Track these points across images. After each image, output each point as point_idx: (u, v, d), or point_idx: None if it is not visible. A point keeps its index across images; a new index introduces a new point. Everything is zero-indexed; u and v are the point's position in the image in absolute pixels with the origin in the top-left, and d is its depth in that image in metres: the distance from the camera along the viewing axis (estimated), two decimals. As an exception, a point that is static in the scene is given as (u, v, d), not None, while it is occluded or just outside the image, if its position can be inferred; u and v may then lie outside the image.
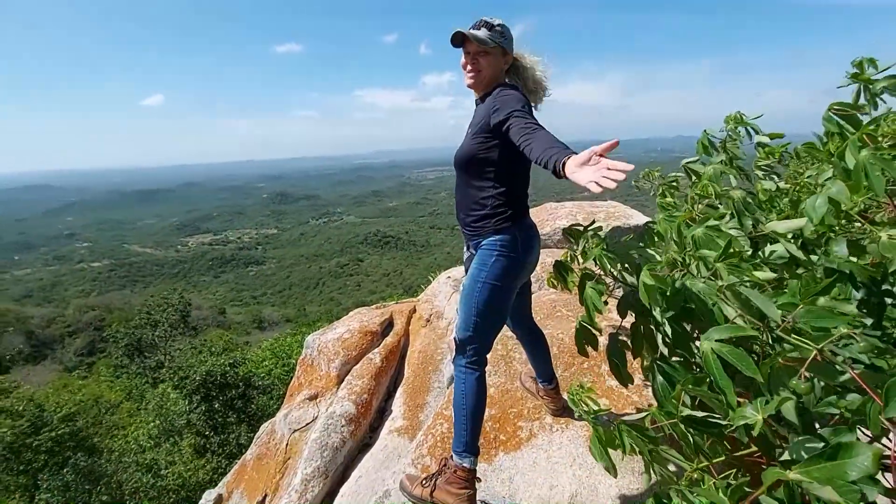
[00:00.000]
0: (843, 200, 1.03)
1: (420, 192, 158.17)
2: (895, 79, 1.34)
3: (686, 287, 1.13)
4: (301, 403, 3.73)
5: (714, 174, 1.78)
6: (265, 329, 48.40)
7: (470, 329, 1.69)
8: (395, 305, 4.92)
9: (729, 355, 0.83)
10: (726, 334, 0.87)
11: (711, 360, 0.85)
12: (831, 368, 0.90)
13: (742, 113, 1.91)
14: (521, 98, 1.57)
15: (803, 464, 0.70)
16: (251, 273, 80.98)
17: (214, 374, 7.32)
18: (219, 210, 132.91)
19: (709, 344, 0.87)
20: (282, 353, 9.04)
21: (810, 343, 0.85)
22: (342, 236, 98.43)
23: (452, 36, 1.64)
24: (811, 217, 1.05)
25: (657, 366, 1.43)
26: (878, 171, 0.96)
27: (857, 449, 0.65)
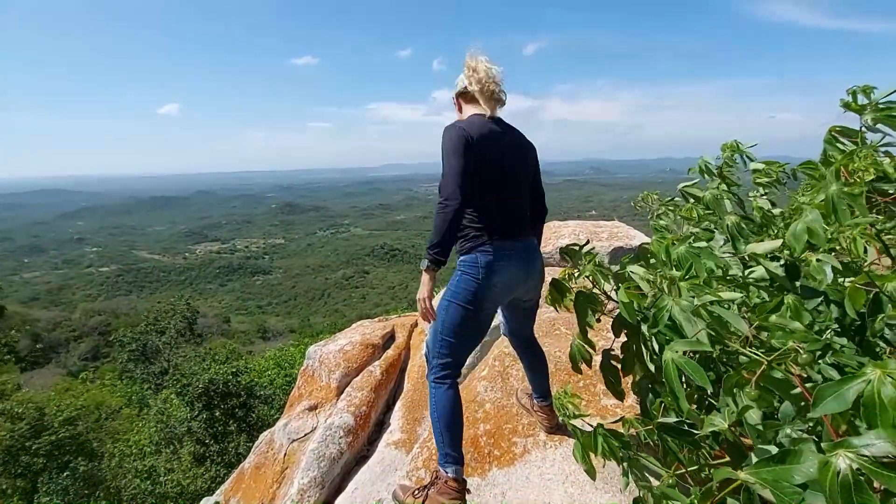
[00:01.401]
0: (817, 229, 1.08)
1: (428, 206, 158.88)
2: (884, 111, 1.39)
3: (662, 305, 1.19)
4: (301, 414, 3.77)
5: (711, 199, 1.83)
6: (269, 339, 48.38)
7: (437, 345, 1.72)
8: (398, 319, 4.96)
9: (685, 366, 0.89)
10: (686, 347, 0.92)
11: (671, 368, 0.90)
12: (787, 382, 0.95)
13: (738, 141, 1.97)
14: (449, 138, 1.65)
15: (754, 466, 0.74)
16: (257, 282, 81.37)
17: (217, 383, 7.36)
18: (228, 218, 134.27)
19: (670, 354, 0.92)
20: (285, 363, 9.06)
21: (760, 355, 0.90)
22: (349, 248, 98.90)
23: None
24: (793, 244, 1.10)
25: (645, 382, 1.47)
26: (844, 206, 1.02)
27: (805, 455, 0.68)
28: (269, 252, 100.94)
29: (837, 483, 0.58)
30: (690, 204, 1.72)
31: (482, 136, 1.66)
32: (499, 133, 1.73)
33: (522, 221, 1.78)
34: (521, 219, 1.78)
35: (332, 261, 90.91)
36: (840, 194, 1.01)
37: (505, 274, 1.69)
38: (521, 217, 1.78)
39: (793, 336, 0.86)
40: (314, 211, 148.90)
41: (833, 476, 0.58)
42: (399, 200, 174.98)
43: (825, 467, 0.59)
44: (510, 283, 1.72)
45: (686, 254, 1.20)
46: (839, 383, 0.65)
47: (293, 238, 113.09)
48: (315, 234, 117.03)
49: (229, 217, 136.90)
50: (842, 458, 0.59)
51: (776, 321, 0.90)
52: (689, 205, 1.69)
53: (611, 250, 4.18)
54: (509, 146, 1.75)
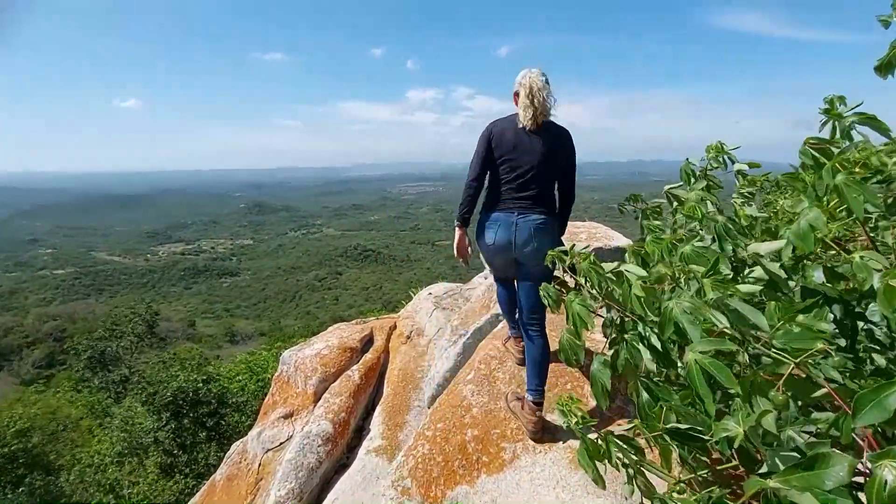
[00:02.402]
0: (819, 226, 1.07)
1: (402, 206, 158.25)
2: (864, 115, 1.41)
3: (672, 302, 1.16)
4: (275, 422, 3.63)
5: (695, 200, 1.83)
6: (237, 343, 47.07)
7: None
8: (376, 321, 4.86)
9: (710, 366, 0.85)
10: (710, 347, 0.89)
11: (694, 370, 0.87)
12: (807, 385, 0.93)
13: (722, 142, 1.98)
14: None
15: (782, 473, 0.73)
16: (224, 284, 79.07)
17: (186, 391, 7.04)
18: (193, 218, 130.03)
19: (693, 355, 0.89)
20: (256, 367, 8.77)
21: (789, 357, 0.88)
22: (321, 249, 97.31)
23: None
24: (798, 242, 1.09)
25: (642, 383, 1.45)
26: (854, 194, 1.01)
27: (833, 460, 0.68)
28: (237, 253, 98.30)
29: (885, 494, 0.55)
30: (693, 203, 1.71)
31: (503, 132, 2.15)
32: (521, 130, 2.12)
33: (522, 199, 2.12)
34: (521, 197, 2.12)
35: (304, 262, 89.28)
36: (848, 182, 1.00)
37: (492, 236, 2.15)
38: (521, 196, 2.12)
39: (821, 337, 0.83)
40: (284, 211, 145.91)
41: (880, 487, 0.55)
42: (373, 201, 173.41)
43: (872, 479, 0.55)
44: (497, 244, 2.15)
45: (692, 253, 1.18)
46: (876, 391, 0.63)
47: (262, 239, 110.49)
48: (286, 235, 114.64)
49: (195, 217, 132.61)
50: (887, 468, 0.56)
51: (804, 321, 0.88)
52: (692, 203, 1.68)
53: (591, 252, 4.20)
54: (531, 141, 2.11)
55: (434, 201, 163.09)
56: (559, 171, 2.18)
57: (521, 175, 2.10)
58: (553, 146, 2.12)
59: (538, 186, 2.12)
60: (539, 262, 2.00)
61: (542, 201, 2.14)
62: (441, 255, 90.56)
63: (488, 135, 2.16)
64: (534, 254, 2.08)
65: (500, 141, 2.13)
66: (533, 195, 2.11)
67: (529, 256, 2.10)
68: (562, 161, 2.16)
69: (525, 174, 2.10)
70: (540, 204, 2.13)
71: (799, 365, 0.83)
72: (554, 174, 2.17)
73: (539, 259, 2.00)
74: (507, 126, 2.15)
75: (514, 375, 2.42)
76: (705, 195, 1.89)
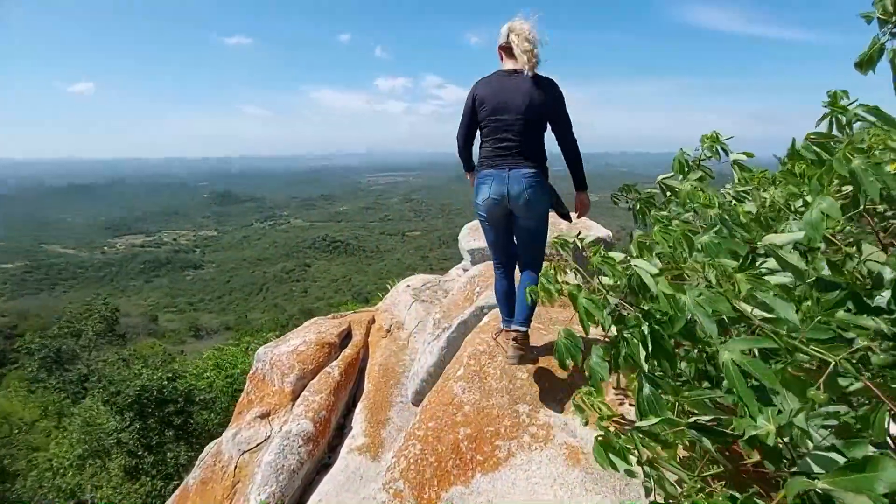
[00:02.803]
0: (834, 214, 1.05)
1: (371, 196, 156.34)
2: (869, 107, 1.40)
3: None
4: (251, 422, 3.48)
5: (689, 191, 1.81)
6: (202, 337, 45.75)
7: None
8: (354, 315, 4.73)
9: (749, 366, 0.81)
10: (747, 346, 0.84)
11: (732, 371, 0.83)
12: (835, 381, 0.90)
13: (718, 132, 1.97)
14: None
15: (831, 475, 0.72)
16: (188, 277, 76.49)
17: (151, 389, 6.72)
18: (153, 209, 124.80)
19: (729, 355, 0.84)
20: (225, 363, 8.47)
21: (827, 354, 0.85)
22: (288, 240, 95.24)
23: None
24: (811, 232, 1.06)
25: (646, 377, 1.41)
26: (871, 178, 0.99)
27: (884, 463, 0.66)
28: (200, 245, 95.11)
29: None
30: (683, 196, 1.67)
31: (486, 89, 2.17)
32: (505, 84, 2.14)
33: (511, 154, 2.14)
34: (510, 152, 2.14)
35: (271, 253, 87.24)
36: (864, 166, 0.97)
37: (487, 191, 2.19)
38: (510, 151, 2.15)
39: (864, 334, 0.80)
40: (250, 201, 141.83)
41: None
42: (342, 191, 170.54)
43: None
44: (492, 198, 2.18)
45: (710, 243, 1.13)
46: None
47: (227, 230, 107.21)
48: (251, 226, 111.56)
49: (155, 207, 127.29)
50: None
51: (843, 317, 0.84)
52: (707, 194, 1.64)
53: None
54: (512, 95, 2.11)
55: (404, 192, 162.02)
56: (550, 122, 2.18)
57: (508, 130, 2.13)
58: (536, 98, 2.10)
59: (525, 140, 2.14)
60: (531, 214, 2.20)
61: (531, 155, 2.16)
62: (411, 247, 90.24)
63: (472, 93, 2.21)
64: (526, 206, 2.15)
65: (485, 98, 2.15)
66: (521, 150, 2.14)
67: (522, 208, 2.16)
68: (548, 110, 2.15)
69: (511, 128, 2.12)
70: (529, 157, 2.15)
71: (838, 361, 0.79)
72: (542, 126, 2.17)
73: (531, 212, 2.19)
74: (492, 84, 2.16)
75: (504, 371, 2.37)
76: (700, 185, 1.87)
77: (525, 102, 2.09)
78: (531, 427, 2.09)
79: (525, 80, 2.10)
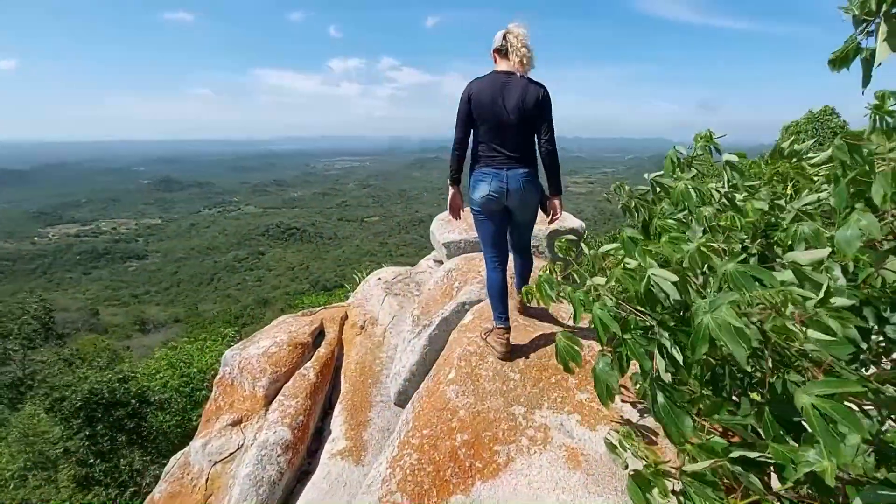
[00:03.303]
0: (874, 233, 1.04)
1: (327, 182, 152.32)
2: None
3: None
4: (222, 430, 3.29)
5: (683, 190, 1.80)
6: (150, 331, 43.50)
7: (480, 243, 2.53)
8: (326, 311, 4.56)
9: (833, 412, 0.78)
10: (830, 390, 0.81)
11: (813, 416, 0.79)
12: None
13: (711, 131, 1.96)
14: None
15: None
16: (130, 268, 72.13)
17: (100, 393, 6.25)
18: (89, 196, 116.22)
19: (808, 399, 0.80)
20: (179, 362, 8.01)
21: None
22: (240, 227, 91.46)
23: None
24: (845, 248, 1.05)
25: (658, 386, 1.39)
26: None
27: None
28: (143, 234, 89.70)
29: None
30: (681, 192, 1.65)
31: (481, 91, 2.21)
32: (500, 86, 2.20)
33: (506, 155, 2.25)
34: (506, 154, 2.25)
35: (221, 242, 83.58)
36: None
37: (486, 188, 2.28)
38: (505, 152, 2.25)
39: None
40: (197, 187, 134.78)
41: None
42: (295, 176, 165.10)
43: None
44: (490, 194, 2.28)
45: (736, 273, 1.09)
46: None
47: (172, 218, 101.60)
48: (199, 213, 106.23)
49: (91, 194, 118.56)
50: None
51: None
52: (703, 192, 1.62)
53: (548, 234, 4.19)
54: (508, 97, 2.19)
55: (362, 177, 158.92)
56: (536, 124, 2.27)
57: (505, 129, 2.22)
58: (528, 100, 2.19)
59: (521, 140, 2.26)
60: (526, 210, 2.39)
61: (526, 155, 2.29)
62: (370, 232, 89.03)
63: (467, 95, 2.23)
64: (521, 203, 2.32)
65: (480, 101, 2.21)
66: (516, 151, 2.26)
67: (518, 205, 2.32)
68: (537, 114, 2.24)
69: (508, 128, 2.22)
70: (524, 157, 2.28)
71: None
72: (532, 128, 2.27)
73: (526, 208, 2.37)
74: (485, 85, 2.22)
75: (497, 372, 2.33)
76: (695, 184, 1.85)
77: (520, 103, 2.19)
78: (528, 430, 2.06)
79: (519, 82, 2.20)
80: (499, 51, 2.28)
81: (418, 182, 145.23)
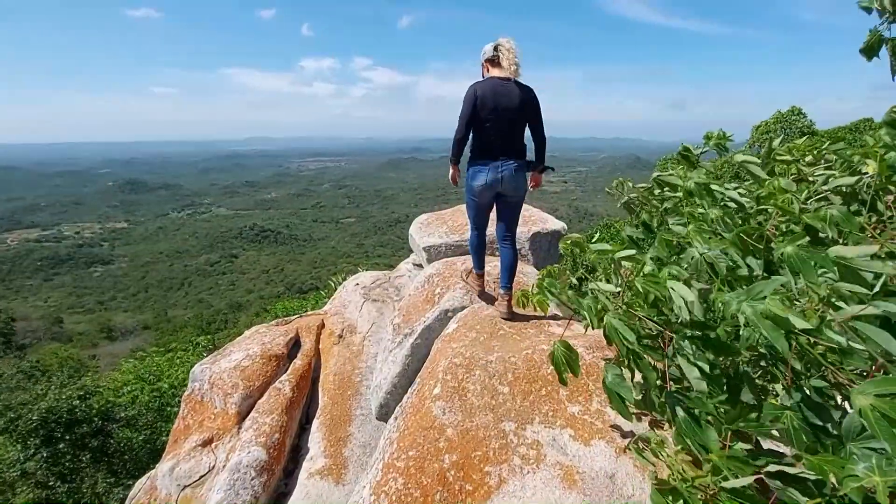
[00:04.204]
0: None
1: (301, 182, 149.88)
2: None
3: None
4: (191, 451, 3.08)
5: (695, 189, 1.73)
6: (117, 339, 41.92)
7: (469, 219, 3.02)
8: (301, 320, 4.37)
9: (892, 412, 0.69)
10: (888, 389, 0.72)
11: (872, 417, 0.70)
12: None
13: (724, 131, 1.91)
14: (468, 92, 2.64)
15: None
16: (95, 274, 69.44)
17: (59, 411, 5.87)
18: (49, 200, 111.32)
19: (866, 400, 0.72)
20: (148, 375, 7.62)
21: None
22: (211, 230, 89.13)
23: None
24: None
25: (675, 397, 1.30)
26: None
27: None
28: (108, 238, 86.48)
29: None
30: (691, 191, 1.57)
31: (485, 94, 2.56)
32: (500, 90, 2.56)
33: (501, 148, 2.64)
34: (501, 147, 2.64)
35: (192, 245, 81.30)
36: None
37: (483, 178, 2.68)
38: (500, 145, 2.64)
39: None
40: (164, 189, 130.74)
41: None
42: (268, 177, 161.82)
43: None
44: (487, 183, 2.68)
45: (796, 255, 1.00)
46: None
47: (139, 221, 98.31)
48: (167, 216, 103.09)
49: (51, 198, 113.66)
50: None
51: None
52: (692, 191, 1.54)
53: (530, 236, 4.11)
54: (509, 99, 2.56)
55: (337, 177, 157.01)
56: (530, 121, 2.67)
57: (505, 127, 2.60)
58: (523, 102, 2.59)
59: (513, 138, 2.65)
60: (515, 194, 2.78)
61: (516, 150, 2.69)
62: (346, 234, 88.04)
63: (473, 97, 2.57)
64: (512, 189, 2.73)
65: (484, 102, 2.55)
66: (510, 146, 2.65)
67: (509, 190, 2.74)
68: (531, 113, 2.64)
69: (503, 129, 2.60)
70: (516, 150, 2.68)
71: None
72: (524, 125, 2.67)
73: (517, 193, 2.78)
74: (488, 88, 2.58)
75: (485, 385, 2.21)
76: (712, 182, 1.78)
77: (517, 103, 2.58)
78: (520, 447, 1.95)
79: (514, 86, 2.58)
80: (491, 60, 2.67)
81: (394, 182, 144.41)
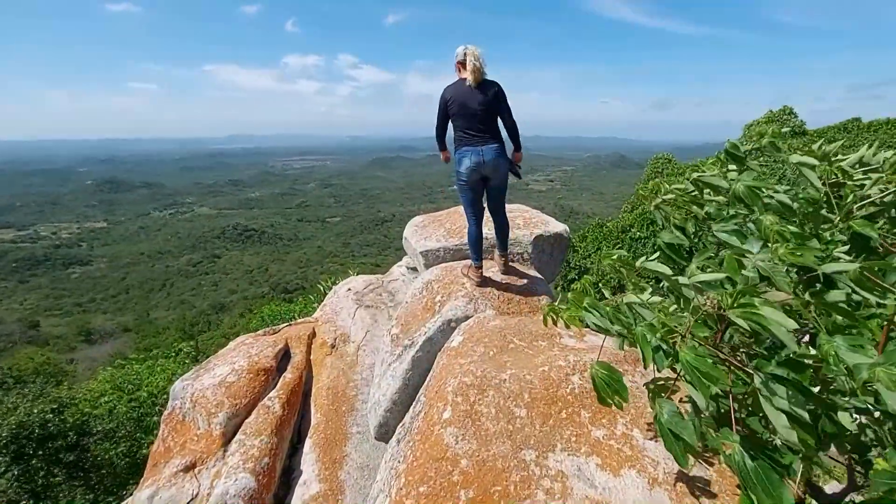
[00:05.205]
0: None
1: (286, 182, 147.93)
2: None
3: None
4: (172, 477, 2.82)
5: (744, 192, 1.55)
6: (96, 342, 40.84)
7: (462, 205, 3.31)
8: (290, 329, 4.11)
9: None
10: None
11: None
12: None
13: (778, 129, 1.73)
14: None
15: None
16: (73, 275, 67.51)
17: (30, 426, 5.51)
18: (24, 199, 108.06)
19: None
20: (127, 384, 7.25)
21: None
22: (194, 230, 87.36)
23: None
24: None
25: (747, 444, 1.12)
26: None
27: None
28: (86, 238, 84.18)
29: None
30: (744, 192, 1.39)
31: (453, 94, 3.03)
32: (467, 89, 2.98)
33: (479, 136, 3.00)
34: (477, 135, 3.01)
35: (174, 245, 79.58)
36: None
37: (468, 162, 3.02)
38: (478, 134, 3.01)
39: None
40: (145, 188, 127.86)
41: None
42: (252, 176, 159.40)
43: None
44: (471, 166, 3.02)
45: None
46: None
47: (119, 221, 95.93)
48: (148, 216, 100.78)
49: (26, 197, 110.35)
50: None
51: None
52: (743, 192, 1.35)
53: (532, 239, 3.92)
54: (471, 97, 2.96)
55: (323, 176, 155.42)
56: (498, 110, 3.03)
57: (473, 120, 2.99)
58: (489, 96, 2.98)
59: (486, 125, 3.01)
60: (499, 175, 3.10)
61: (493, 134, 3.04)
62: (332, 233, 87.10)
63: (442, 100, 3.09)
64: (495, 170, 3.06)
65: (452, 102, 3.02)
66: (485, 132, 3.01)
67: (493, 172, 3.07)
68: (495, 106, 3.00)
69: (475, 119, 2.99)
70: (492, 136, 3.04)
71: None
72: (494, 114, 3.02)
73: (499, 173, 3.09)
74: (455, 89, 3.03)
75: (500, 408, 2.01)
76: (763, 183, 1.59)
77: (479, 101, 2.97)
78: (544, 479, 1.75)
79: (476, 88, 2.96)
80: (461, 63, 3.04)
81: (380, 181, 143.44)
